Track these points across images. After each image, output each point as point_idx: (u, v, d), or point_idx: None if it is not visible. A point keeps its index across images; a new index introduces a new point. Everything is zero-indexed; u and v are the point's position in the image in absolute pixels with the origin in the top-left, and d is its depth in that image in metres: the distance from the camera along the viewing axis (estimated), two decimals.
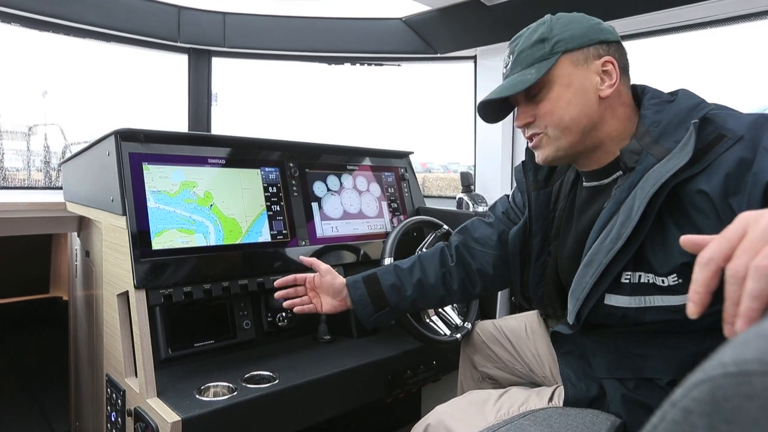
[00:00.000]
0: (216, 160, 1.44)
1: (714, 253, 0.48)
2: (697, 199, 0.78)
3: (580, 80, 0.91)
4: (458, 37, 1.93)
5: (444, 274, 1.22)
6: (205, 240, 1.35)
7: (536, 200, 1.09)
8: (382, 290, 1.21)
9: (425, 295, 1.22)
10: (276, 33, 2.02)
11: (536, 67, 0.91)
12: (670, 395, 0.31)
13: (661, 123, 0.87)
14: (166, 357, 1.31)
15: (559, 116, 0.92)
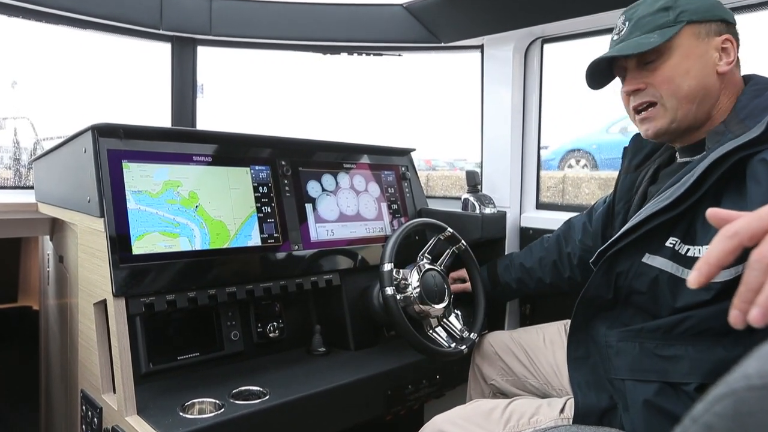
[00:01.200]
0: (202, 157, 1.44)
1: (741, 229, 0.48)
2: (758, 168, 0.82)
3: (699, 52, 0.98)
4: (464, 24, 1.93)
5: (541, 258, 1.49)
6: (190, 244, 1.35)
7: (623, 182, 1.19)
8: (497, 270, 1.59)
9: (526, 278, 1.53)
10: (266, 20, 2.02)
11: (659, 33, 0.98)
12: (692, 408, 0.31)
13: (750, 106, 0.93)
14: (147, 371, 1.30)
15: (677, 84, 0.98)
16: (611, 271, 0.99)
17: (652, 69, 1.00)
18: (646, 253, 0.94)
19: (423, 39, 2.03)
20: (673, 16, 0.98)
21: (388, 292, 1.35)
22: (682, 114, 0.99)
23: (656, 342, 0.93)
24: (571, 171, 4.19)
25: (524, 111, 1.99)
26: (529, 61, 1.97)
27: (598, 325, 1.01)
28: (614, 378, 0.97)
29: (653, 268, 0.93)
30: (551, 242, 1.50)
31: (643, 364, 0.94)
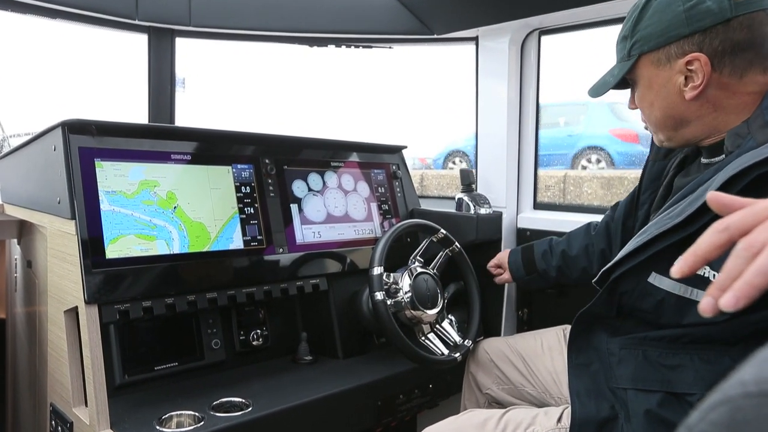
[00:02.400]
0: (180, 155, 1.43)
1: (733, 223, 0.48)
2: None
3: (660, 82, 0.98)
4: (458, 15, 1.94)
5: (587, 246, 1.45)
6: (168, 247, 1.34)
7: (650, 170, 1.18)
8: (533, 257, 1.53)
9: (569, 266, 1.47)
10: (249, 10, 2.02)
11: (619, 66, 1.03)
12: (688, 416, 0.31)
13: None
14: (122, 383, 1.29)
15: (647, 114, 1.04)
16: (615, 291, 0.97)
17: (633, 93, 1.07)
18: (653, 272, 0.92)
19: (415, 30, 2.03)
20: (628, 49, 1.00)
21: (378, 297, 1.35)
22: (665, 136, 1.04)
23: (660, 351, 0.93)
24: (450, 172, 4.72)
25: (521, 106, 1.99)
26: (525, 54, 1.98)
27: (600, 333, 1.01)
28: (616, 387, 0.97)
29: (660, 290, 0.91)
30: (600, 229, 1.44)
31: (646, 373, 0.93)
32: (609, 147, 4.94)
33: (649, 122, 1.05)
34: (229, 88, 2.96)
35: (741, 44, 0.90)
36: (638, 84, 1.02)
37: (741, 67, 0.91)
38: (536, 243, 1.56)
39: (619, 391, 0.97)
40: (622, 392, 0.96)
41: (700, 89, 0.93)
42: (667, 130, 1.01)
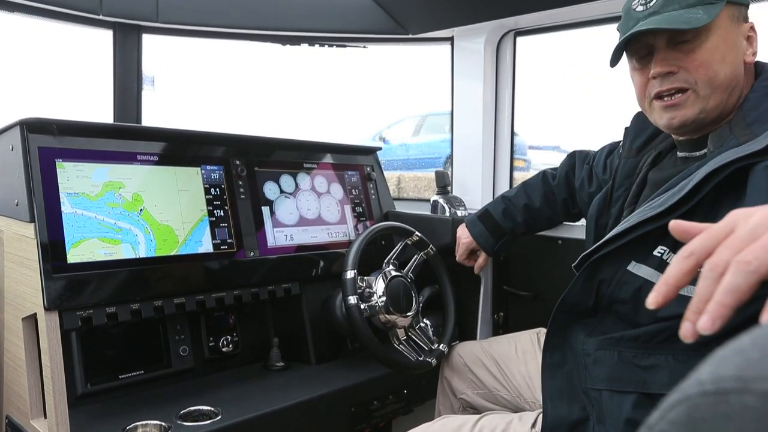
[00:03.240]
0: (147, 156, 1.41)
1: (697, 248, 0.50)
2: (761, 176, 0.81)
3: (733, 38, 0.96)
4: (433, 15, 1.95)
5: (546, 194, 1.51)
6: (134, 251, 1.32)
7: (623, 167, 1.18)
8: (496, 221, 1.54)
9: (535, 218, 1.53)
10: (220, 7, 2.00)
11: (704, 9, 0.92)
12: (648, 417, 0.32)
13: (761, 108, 0.92)
14: (84, 392, 1.27)
15: (714, 71, 0.94)
16: (594, 278, 0.99)
17: (686, 51, 0.95)
18: (633, 260, 0.94)
19: (389, 30, 2.04)
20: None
21: (351, 302, 1.35)
22: (713, 104, 0.95)
23: (635, 351, 0.94)
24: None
25: (496, 107, 2.02)
26: (501, 55, 2.00)
27: (577, 332, 1.02)
28: (590, 388, 0.98)
29: (638, 278, 0.93)
30: (560, 179, 1.50)
31: (621, 374, 0.95)
32: None
33: (710, 81, 0.94)
34: (201, 86, 2.92)
35: None
36: (711, 35, 0.94)
37: None
38: (489, 207, 1.58)
39: (593, 393, 0.98)
40: (596, 393, 0.98)
41: (755, 55, 0.98)
42: (722, 93, 0.95)
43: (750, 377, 0.28)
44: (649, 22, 0.94)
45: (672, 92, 0.97)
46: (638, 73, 1.03)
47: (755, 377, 0.28)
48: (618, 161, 1.21)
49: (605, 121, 1.57)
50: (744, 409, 0.27)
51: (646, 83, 1.01)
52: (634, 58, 1.03)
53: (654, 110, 1.02)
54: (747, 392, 0.28)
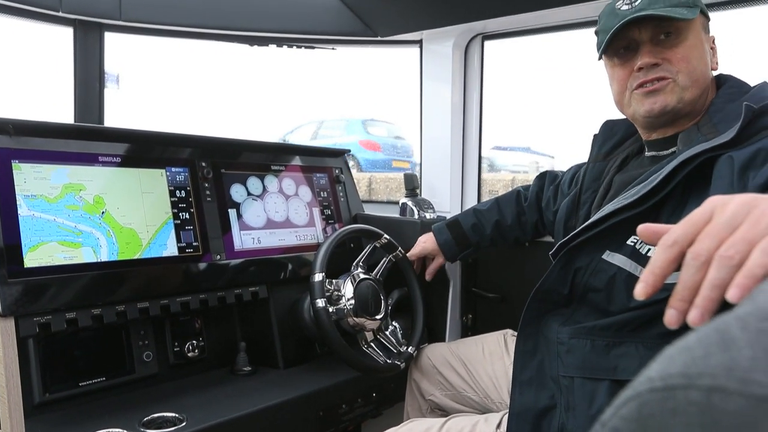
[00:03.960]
0: (109, 158, 1.38)
1: (679, 237, 0.52)
2: (724, 164, 0.88)
3: (704, 46, 1.06)
4: (401, 18, 1.96)
5: (519, 214, 1.55)
6: (95, 255, 1.29)
7: (590, 171, 1.24)
8: (464, 232, 1.57)
9: (504, 235, 1.57)
10: (185, 5, 1.97)
11: (686, 9, 1.01)
12: (603, 413, 0.33)
13: (724, 110, 0.99)
14: (42, 401, 1.23)
15: (693, 66, 1.03)
16: (570, 266, 1.04)
17: (669, 46, 1.03)
18: (607, 249, 1.00)
19: (358, 32, 2.04)
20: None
21: (319, 305, 1.35)
22: (689, 96, 1.03)
23: (607, 339, 0.99)
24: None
25: (465, 110, 2.04)
26: (469, 58, 2.02)
27: (551, 322, 1.06)
28: (562, 376, 1.02)
29: (612, 266, 0.99)
30: (531, 201, 1.54)
31: (594, 362, 1.00)
32: (358, 155, 6.35)
33: (690, 74, 1.03)
34: (170, 86, 2.88)
35: None
36: (690, 34, 1.03)
37: None
38: (459, 217, 1.61)
39: (565, 380, 1.02)
40: (568, 381, 1.01)
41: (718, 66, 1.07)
42: (697, 89, 1.03)
43: (695, 374, 0.30)
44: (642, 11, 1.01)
45: (654, 81, 1.04)
46: (620, 68, 1.09)
47: (700, 373, 0.30)
48: (585, 167, 1.26)
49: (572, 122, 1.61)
50: (689, 403, 0.29)
51: (628, 76, 1.07)
52: (616, 55, 1.09)
53: (635, 99, 1.07)
54: (692, 388, 0.29)
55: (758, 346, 0.30)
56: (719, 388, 0.28)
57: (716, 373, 0.29)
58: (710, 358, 0.30)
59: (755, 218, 0.48)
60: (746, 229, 0.47)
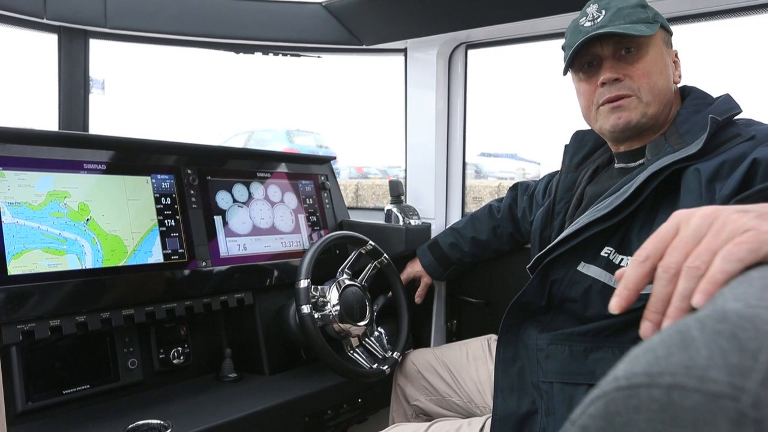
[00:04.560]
0: (94, 165, 1.38)
1: (650, 252, 0.55)
2: (692, 177, 0.91)
3: (666, 57, 1.09)
4: (386, 27, 1.98)
5: (494, 228, 1.60)
6: (80, 262, 1.29)
7: (563, 182, 1.26)
8: (444, 252, 1.64)
9: (482, 249, 1.62)
10: (171, 13, 1.98)
11: (646, 25, 1.05)
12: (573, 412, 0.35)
13: (690, 121, 1.02)
14: (25, 409, 1.23)
15: (654, 80, 1.06)
16: (546, 278, 1.06)
17: (630, 62, 1.06)
18: (582, 261, 1.02)
19: (343, 40, 2.06)
20: (652, 15, 1.07)
21: (305, 311, 1.36)
22: (652, 111, 1.06)
23: (585, 345, 1.02)
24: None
25: (449, 118, 2.07)
26: (453, 67, 2.05)
27: (530, 329, 1.09)
28: (542, 381, 1.05)
29: (587, 277, 1.01)
30: (504, 213, 1.59)
31: (572, 368, 1.02)
32: None
33: (650, 88, 1.05)
34: (156, 91, 2.87)
35: None
36: (650, 49, 1.06)
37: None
38: (439, 237, 1.69)
39: (544, 385, 1.04)
40: (548, 386, 1.03)
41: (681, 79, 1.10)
42: (659, 103, 1.06)
43: (657, 372, 0.32)
44: (603, 29, 1.05)
45: (618, 97, 1.07)
46: (585, 83, 1.12)
47: (661, 372, 0.32)
48: (558, 177, 1.29)
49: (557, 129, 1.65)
50: (651, 401, 0.31)
51: (593, 92, 1.10)
52: (581, 70, 1.12)
53: (600, 115, 1.10)
54: (654, 386, 0.31)
55: (714, 345, 0.32)
56: (678, 385, 0.30)
57: (676, 371, 0.31)
58: (671, 357, 0.32)
59: (717, 229, 0.50)
60: (709, 240, 0.50)
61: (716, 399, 0.29)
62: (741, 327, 0.33)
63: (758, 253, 0.48)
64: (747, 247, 0.47)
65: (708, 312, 0.36)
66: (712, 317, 0.35)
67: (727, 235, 0.49)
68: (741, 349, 0.32)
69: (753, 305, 0.36)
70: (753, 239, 0.48)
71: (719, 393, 0.30)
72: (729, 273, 0.47)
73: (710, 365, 0.31)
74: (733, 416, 0.29)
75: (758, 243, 0.48)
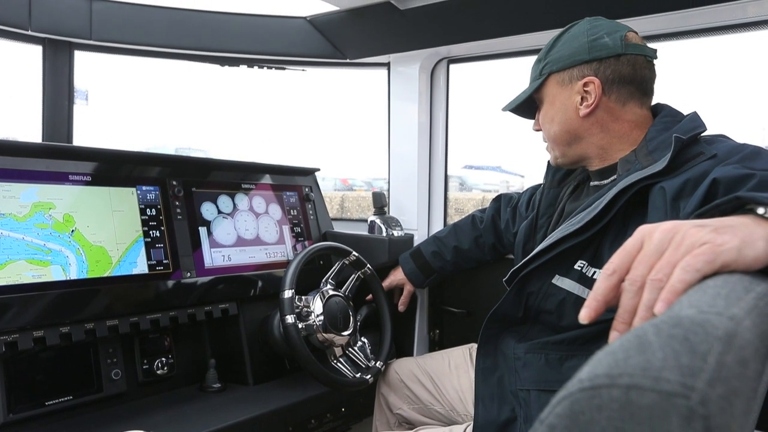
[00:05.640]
0: (79, 176, 1.39)
1: (617, 266, 0.59)
2: (657, 195, 0.96)
3: (562, 99, 1.16)
4: (370, 41, 2.02)
5: (476, 238, 1.64)
6: (64, 273, 1.29)
7: (546, 197, 1.32)
8: (426, 260, 1.66)
9: (464, 259, 1.66)
10: (157, 26, 1.99)
11: (532, 85, 1.20)
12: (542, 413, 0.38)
13: (658, 139, 1.06)
14: (6, 421, 1.22)
15: (546, 130, 1.20)
16: (523, 291, 1.10)
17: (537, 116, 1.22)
18: (557, 274, 1.06)
19: (327, 54, 2.09)
20: (539, 69, 1.18)
21: (289, 321, 1.37)
22: (559, 152, 1.19)
23: (560, 353, 1.06)
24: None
25: (431, 131, 2.11)
26: (435, 81, 2.09)
27: (508, 339, 1.12)
28: (520, 389, 1.08)
29: (561, 290, 1.05)
30: (487, 224, 1.63)
31: (548, 375, 1.06)
32: None
33: (548, 138, 1.20)
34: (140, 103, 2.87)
35: (626, 77, 1.10)
36: (544, 102, 1.18)
37: (624, 97, 1.11)
38: (422, 246, 1.72)
39: (522, 393, 1.07)
40: (525, 394, 1.06)
41: (592, 107, 1.11)
42: (562, 146, 1.18)
43: (617, 374, 0.35)
44: (507, 104, 1.28)
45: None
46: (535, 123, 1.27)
47: (620, 373, 0.35)
48: (542, 192, 1.33)
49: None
50: (611, 400, 0.34)
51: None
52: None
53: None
54: (614, 386, 0.34)
55: (669, 348, 0.35)
56: (636, 385, 0.33)
57: (634, 372, 0.34)
58: (629, 360, 0.35)
59: (677, 243, 0.55)
60: (670, 254, 0.54)
61: (669, 397, 0.32)
62: (693, 331, 0.36)
63: (714, 264, 0.51)
64: (704, 259, 0.51)
65: (664, 318, 0.39)
66: (667, 322, 0.38)
67: (686, 249, 0.53)
68: (692, 352, 0.35)
69: (705, 311, 0.40)
70: (709, 251, 0.52)
71: (672, 392, 0.33)
72: (687, 283, 0.50)
73: (664, 366, 0.34)
74: (683, 413, 0.32)
75: (714, 255, 0.51)
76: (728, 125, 1.19)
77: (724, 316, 0.39)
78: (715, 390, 0.33)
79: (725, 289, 0.45)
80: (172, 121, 3.28)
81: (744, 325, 0.39)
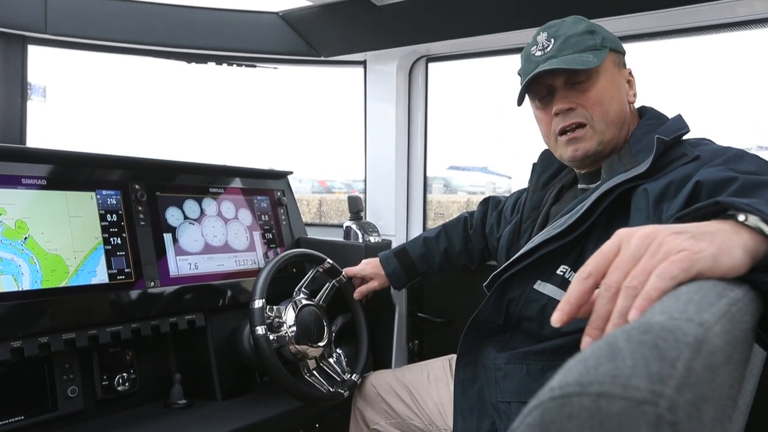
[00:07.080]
0: (33, 180, 1.37)
1: (593, 270, 0.60)
2: (640, 197, 0.97)
3: (618, 80, 1.15)
4: (345, 38, 2.03)
5: (466, 242, 1.64)
6: (16, 283, 1.27)
7: (530, 200, 1.32)
8: (413, 261, 1.64)
9: (451, 262, 1.65)
10: (117, 20, 1.97)
11: (594, 54, 1.10)
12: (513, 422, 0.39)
13: (642, 141, 1.08)
14: None
15: (606, 108, 1.12)
16: (503, 297, 1.11)
17: (582, 90, 1.11)
18: (538, 279, 1.07)
19: (301, 51, 2.10)
20: (599, 40, 1.12)
21: (259, 332, 1.37)
22: (608, 137, 1.12)
23: (542, 364, 1.07)
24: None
25: (409, 131, 2.12)
26: (413, 80, 2.11)
27: (488, 349, 1.13)
28: (500, 401, 1.09)
29: (543, 296, 1.06)
30: (477, 228, 1.63)
31: (529, 386, 1.07)
32: None
33: (602, 116, 1.11)
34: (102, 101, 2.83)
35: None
36: (601, 76, 1.12)
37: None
38: (408, 246, 1.68)
39: (503, 405, 1.08)
40: (506, 406, 1.08)
41: (635, 97, 1.16)
42: (614, 128, 1.12)
43: (587, 382, 0.36)
44: (548, 64, 1.10)
45: (573, 127, 1.13)
46: (541, 112, 1.19)
47: (591, 382, 0.36)
48: (526, 195, 1.35)
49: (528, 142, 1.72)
50: (582, 408, 0.35)
51: (550, 121, 1.17)
52: (537, 98, 1.19)
53: (559, 145, 1.17)
54: (584, 395, 0.35)
55: (638, 355, 0.36)
56: (605, 393, 0.35)
57: (603, 380, 0.35)
58: (600, 367, 0.36)
59: (654, 249, 0.56)
60: (646, 261, 0.56)
61: (638, 405, 0.33)
62: (662, 338, 0.38)
63: (690, 271, 0.53)
64: (680, 266, 0.53)
65: (635, 324, 0.40)
66: (637, 329, 0.39)
67: (662, 255, 0.55)
68: (661, 358, 0.36)
69: (676, 317, 0.41)
70: (686, 259, 0.53)
71: (641, 399, 0.34)
72: (662, 290, 0.52)
73: (634, 374, 0.35)
74: (652, 420, 0.33)
75: (690, 262, 0.53)
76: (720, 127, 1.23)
77: (694, 322, 0.40)
78: (683, 396, 0.34)
79: (698, 295, 0.47)
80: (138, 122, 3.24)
81: (714, 331, 0.40)
